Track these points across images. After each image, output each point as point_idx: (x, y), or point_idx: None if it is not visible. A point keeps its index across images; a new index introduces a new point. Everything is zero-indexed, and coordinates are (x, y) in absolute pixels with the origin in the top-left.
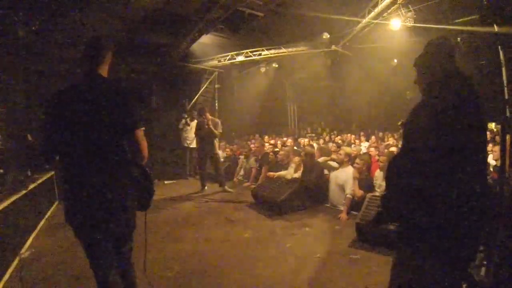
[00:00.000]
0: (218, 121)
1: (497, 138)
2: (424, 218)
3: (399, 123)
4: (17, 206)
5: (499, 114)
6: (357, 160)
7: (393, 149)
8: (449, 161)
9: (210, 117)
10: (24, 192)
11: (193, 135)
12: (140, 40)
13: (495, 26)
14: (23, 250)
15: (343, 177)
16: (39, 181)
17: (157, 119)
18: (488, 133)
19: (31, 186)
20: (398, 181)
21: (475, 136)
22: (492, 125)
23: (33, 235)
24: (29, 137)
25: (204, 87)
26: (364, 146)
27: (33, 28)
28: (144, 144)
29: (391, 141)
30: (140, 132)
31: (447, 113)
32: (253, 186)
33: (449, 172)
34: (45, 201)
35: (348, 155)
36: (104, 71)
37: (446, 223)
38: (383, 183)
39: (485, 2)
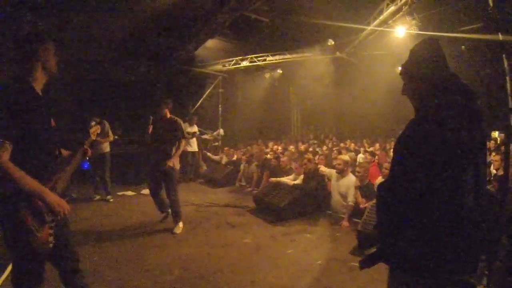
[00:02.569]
0: (177, 121)
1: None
2: (417, 242)
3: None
4: None
5: (503, 122)
6: (358, 169)
7: None
8: (447, 181)
9: (168, 115)
10: None
11: (195, 140)
12: (146, 43)
13: (499, 34)
14: None
15: (345, 185)
16: None
17: None
18: (492, 142)
19: None
20: (388, 209)
21: (474, 152)
22: (495, 134)
23: None
24: None
25: (208, 91)
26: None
27: (40, 27)
28: None
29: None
30: None
31: (444, 134)
32: (254, 191)
33: (445, 190)
34: None
35: (346, 163)
36: (33, 78)
37: (444, 244)
38: None
39: (490, 10)
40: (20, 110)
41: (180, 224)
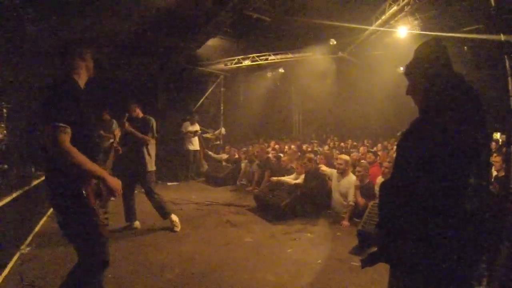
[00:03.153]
0: (150, 120)
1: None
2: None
3: (399, 133)
4: (20, 202)
5: (505, 124)
6: (358, 168)
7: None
8: (450, 181)
9: (141, 114)
10: (27, 188)
11: (196, 138)
12: (147, 42)
13: (501, 34)
14: (23, 246)
15: (346, 185)
16: (43, 177)
17: (162, 121)
18: (493, 143)
19: (34, 183)
20: (391, 209)
21: (478, 153)
22: (497, 135)
23: (34, 231)
24: None
25: (210, 90)
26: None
27: (42, 25)
28: (51, 141)
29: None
30: (49, 128)
31: (447, 134)
32: (255, 191)
33: (448, 190)
34: None
35: (347, 163)
36: (78, 75)
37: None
38: None
39: (492, 11)
40: (73, 101)
41: (173, 218)
